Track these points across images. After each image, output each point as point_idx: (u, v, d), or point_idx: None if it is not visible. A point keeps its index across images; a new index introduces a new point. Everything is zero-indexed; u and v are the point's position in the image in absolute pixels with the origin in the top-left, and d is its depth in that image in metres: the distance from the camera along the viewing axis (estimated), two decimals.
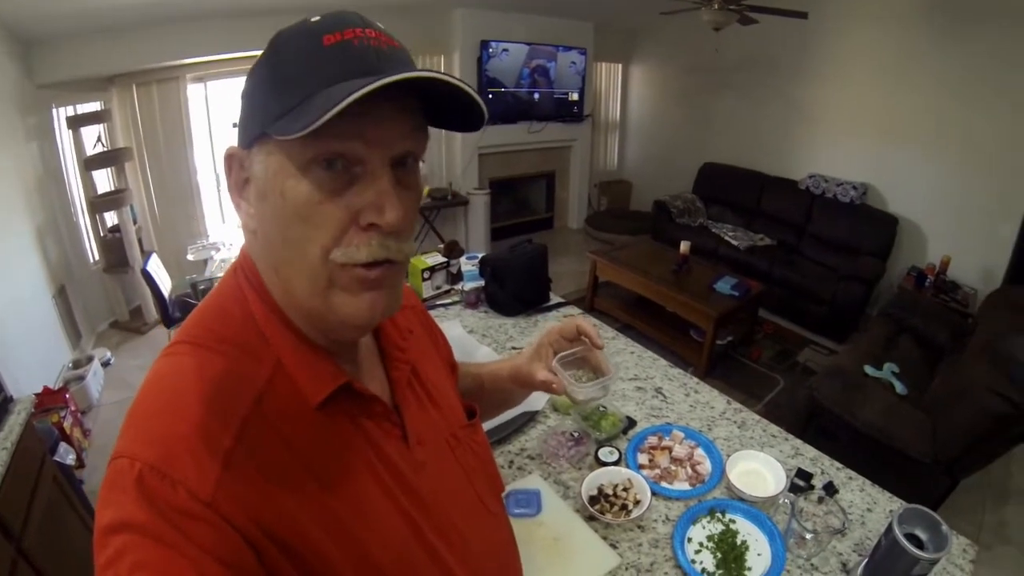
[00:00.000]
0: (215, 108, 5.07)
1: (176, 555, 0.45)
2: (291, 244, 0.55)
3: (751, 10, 4.02)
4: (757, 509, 1.21)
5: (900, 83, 4.69)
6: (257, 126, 0.53)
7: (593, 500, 1.24)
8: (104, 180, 4.70)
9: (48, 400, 3.03)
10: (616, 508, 1.21)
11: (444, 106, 0.56)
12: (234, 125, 0.60)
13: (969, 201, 4.44)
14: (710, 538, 1.16)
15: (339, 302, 0.56)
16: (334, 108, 0.45)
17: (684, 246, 4.51)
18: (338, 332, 0.62)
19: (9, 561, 1.61)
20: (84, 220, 4.62)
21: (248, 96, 0.56)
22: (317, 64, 0.51)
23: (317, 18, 0.54)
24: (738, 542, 1.14)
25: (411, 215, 0.58)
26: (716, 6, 3.94)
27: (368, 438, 0.63)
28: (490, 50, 5.61)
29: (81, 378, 3.59)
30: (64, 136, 4.36)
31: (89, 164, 4.35)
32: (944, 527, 0.96)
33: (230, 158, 0.58)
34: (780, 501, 1.22)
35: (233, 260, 0.66)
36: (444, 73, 0.51)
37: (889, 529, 0.97)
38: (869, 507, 1.24)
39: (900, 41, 4.62)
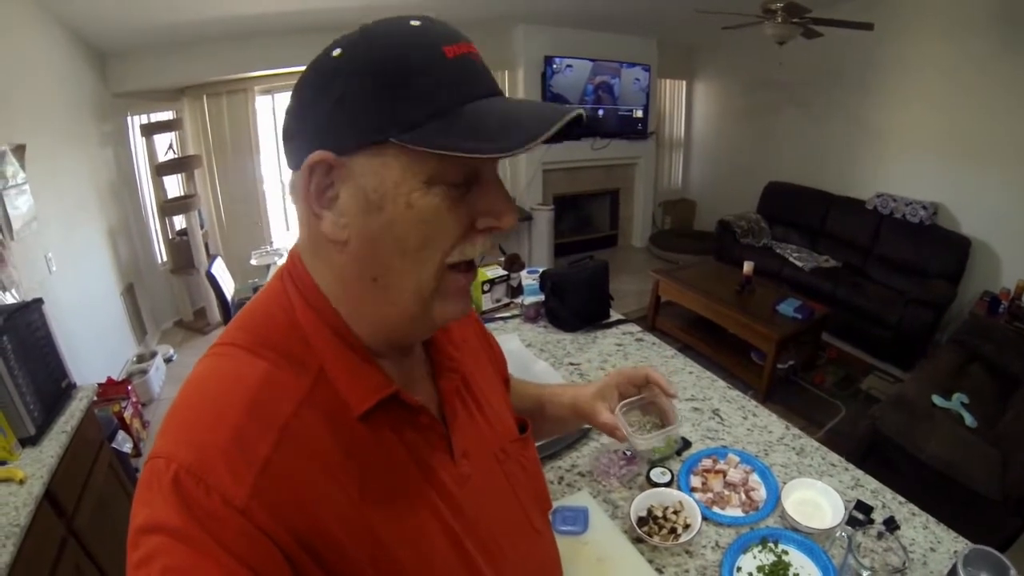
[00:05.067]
0: (282, 119, 5.22)
1: (207, 561, 0.45)
2: (408, 252, 0.54)
3: (815, 22, 3.93)
4: (812, 541, 1.16)
5: (972, 96, 4.49)
6: (368, 133, 0.51)
7: (642, 521, 1.21)
8: (174, 185, 4.91)
9: (111, 391, 3.17)
10: (664, 531, 1.18)
11: None
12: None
13: None
14: (760, 569, 1.11)
15: (439, 307, 0.59)
16: (538, 138, 0.48)
17: (747, 267, 4.43)
18: (415, 333, 0.65)
19: (60, 538, 1.69)
20: (154, 223, 4.87)
21: (343, 98, 0.52)
22: (448, 77, 0.51)
23: (417, 23, 0.53)
24: (790, 575, 1.09)
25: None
26: (779, 19, 3.86)
27: (411, 449, 0.62)
28: (554, 66, 5.65)
29: (144, 372, 3.76)
30: (137, 143, 4.61)
31: (160, 170, 4.56)
32: (1013, 572, 0.90)
33: (317, 165, 0.53)
34: (837, 534, 1.17)
35: (281, 265, 0.66)
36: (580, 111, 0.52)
37: (953, 571, 0.91)
38: (932, 546, 1.17)
39: (971, 52, 4.42)
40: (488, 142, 0.48)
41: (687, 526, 1.19)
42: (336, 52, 0.53)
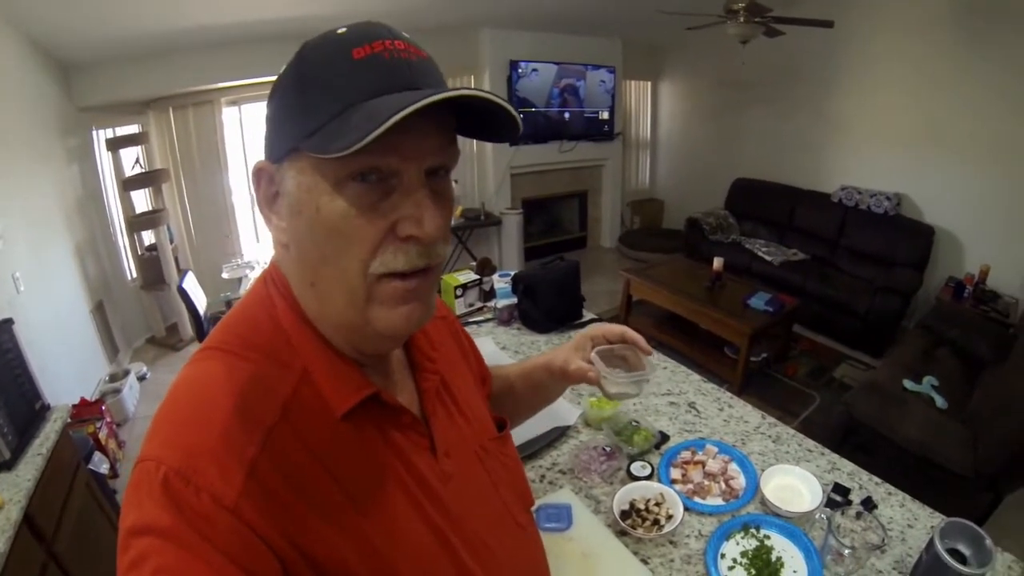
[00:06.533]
0: (249, 131, 5.18)
1: (198, 561, 0.45)
2: (328, 259, 0.55)
3: (776, 21, 4.00)
4: (793, 525, 1.18)
5: (931, 89, 4.61)
6: (288, 141, 0.53)
7: (625, 515, 1.22)
8: (142, 200, 4.83)
9: (85, 411, 3.11)
10: (648, 523, 1.19)
11: (478, 118, 0.56)
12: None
13: (1008, 207, 4.32)
14: (744, 554, 1.13)
15: (376, 316, 0.57)
16: (381, 126, 0.45)
17: (717, 263, 4.48)
18: (372, 344, 0.62)
19: (40, 563, 1.66)
20: (122, 239, 4.77)
21: (275, 110, 0.56)
22: (348, 79, 0.51)
23: (343, 30, 0.53)
24: (773, 559, 1.11)
25: (447, 224, 0.59)
26: (742, 19, 3.92)
27: (395, 449, 0.62)
28: (519, 70, 5.66)
29: (117, 391, 3.68)
30: (103, 157, 4.53)
31: (127, 185, 4.49)
32: (988, 541, 0.92)
33: (259, 172, 0.58)
34: (816, 516, 1.20)
35: (263, 270, 0.67)
36: (487, 92, 0.51)
37: (931, 544, 0.94)
38: (910, 523, 1.20)
39: (929, 45, 4.55)
40: (338, 140, 0.47)
41: (670, 517, 1.21)
42: (282, 69, 0.56)
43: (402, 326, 0.58)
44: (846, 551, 1.03)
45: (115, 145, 4.49)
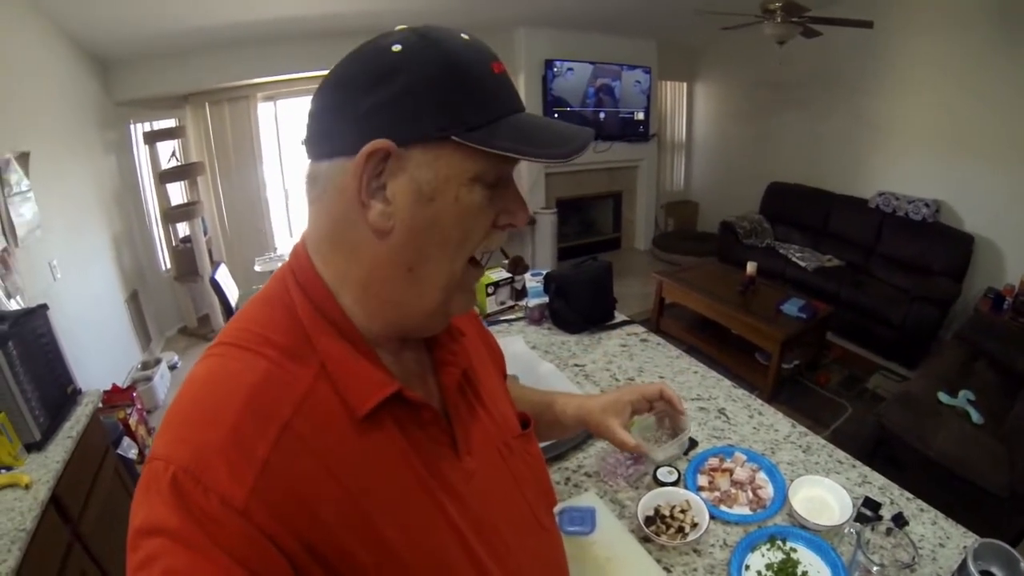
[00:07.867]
0: (284, 126, 5.25)
1: (206, 563, 0.45)
2: (447, 245, 0.58)
3: (814, 21, 3.93)
4: (820, 538, 1.15)
5: (972, 92, 4.48)
6: (436, 128, 0.52)
7: (649, 521, 1.20)
8: (177, 193, 4.92)
9: (116, 397, 3.18)
10: (672, 530, 1.17)
11: None
12: (303, 140, 0.61)
13: None
14: (769, 567, 1.11)
15: (456, 300, 0.62)
16: (559, 157, 0.56)
17: (751, 267, 4.42)
18: (424, 329, 0.66)
19: (65, 543, 1.69)
20: (157, 230, 4.88)
21: (413, 93, 0.53)
22: (495, 89, 0.57)
23: (467, 36, 0.58)
24: (799, 572, 1.09)
25: None
26: (779, 19, 3.87)
27: (415, 446, 0.61)
28: (554, 69, 5.65)
29: (149, 379, 3.77)
30: (141, 150, 4.64)
31: (163, 177, 4.58)
32: (1023, 564, 0.89)
33: (376, 153, 0.52)
34: (845, 531, 1.16)
35: (284, 262, 0.65)
36: (588, 146, 0.59)
37: (963, 565, 0.91)
38: (942, 542, 1.16)
39: (971, 47, 4.42)
40: (544, 148, 0.55)
41: (695, 525, 1.18)
42: (396, 48, 0.54)
43: (466, 308, 0.66)
44: (875, 568, 1.00)
45: (152, 138, 4.59)
